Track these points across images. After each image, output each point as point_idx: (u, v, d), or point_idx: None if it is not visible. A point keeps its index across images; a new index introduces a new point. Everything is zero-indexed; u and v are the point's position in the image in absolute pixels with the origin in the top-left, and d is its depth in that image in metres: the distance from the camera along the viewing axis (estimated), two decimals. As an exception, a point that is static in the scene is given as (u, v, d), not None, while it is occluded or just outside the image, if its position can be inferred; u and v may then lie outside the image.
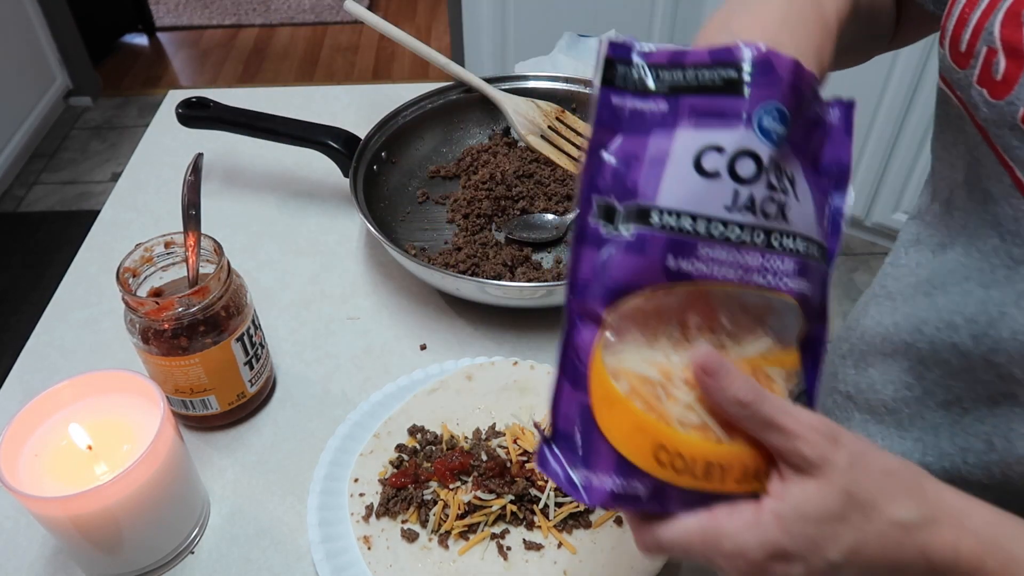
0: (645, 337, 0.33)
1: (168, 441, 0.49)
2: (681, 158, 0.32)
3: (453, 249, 0.75)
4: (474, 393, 0.61)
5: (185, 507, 0.53)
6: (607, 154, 0.33)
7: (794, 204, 0.33)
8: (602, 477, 0.32)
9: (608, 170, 0.33)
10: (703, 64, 0.33)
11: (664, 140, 0.32)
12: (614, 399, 0.32)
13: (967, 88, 0.38)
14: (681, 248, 0.32)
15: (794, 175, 0.34)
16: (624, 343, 0.33)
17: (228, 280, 0.56)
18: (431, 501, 0.53)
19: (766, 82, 0.32)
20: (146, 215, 0.83)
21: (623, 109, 0.33)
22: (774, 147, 0.32)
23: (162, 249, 0.58)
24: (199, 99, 0.83)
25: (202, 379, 0.57)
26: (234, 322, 0.57)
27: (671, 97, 0.33)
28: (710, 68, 0.32)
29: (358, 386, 0.65)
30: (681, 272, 0.32)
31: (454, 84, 0.87)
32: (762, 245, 0.32)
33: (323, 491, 0.55)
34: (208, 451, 0.61)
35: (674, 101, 0.33)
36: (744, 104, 0.32)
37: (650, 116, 0.33)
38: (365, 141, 0.79)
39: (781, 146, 0.32)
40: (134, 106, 2.63)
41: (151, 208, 0.84)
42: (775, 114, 0.32)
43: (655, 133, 0.33)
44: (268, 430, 0.62)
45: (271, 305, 0.72)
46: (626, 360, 0.33)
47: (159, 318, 0.54)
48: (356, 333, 0.70)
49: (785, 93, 0.32)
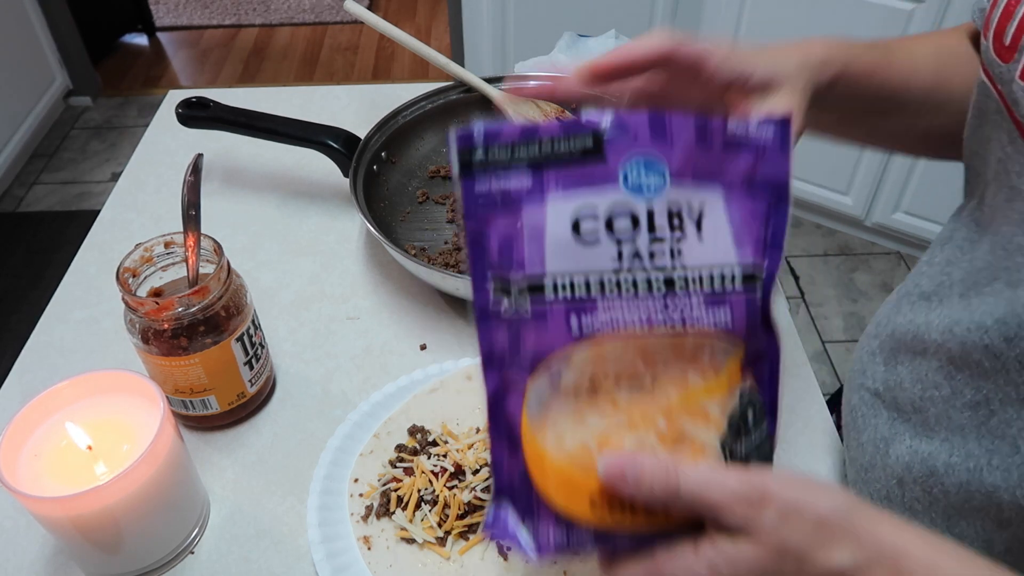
0: (568, 398, 0.35)
1: (168, 441, 0.49)
2: (558, 225, 0.34)
3: (453, 249, 0.75)
4: (474, 393, 0.61)
5: (185, 507, 0.53)
6: (490, 236, 0.34)
7: (694, 241, 0.34)
8: (547, 531, 0.35)
9: (494, 249, 0.34)
10: (557, 136, 0.34)
11: (538, 211, 0.34)
12: (545, 458, 0.34)
13: (1009, 83, 0.38)
14: (581, 309, 0.34)
15: (702, 209, 0.35)
16: (549, 405, 0.35)
17: (228, 280, 0.56)
18: (431, 501, 0.53)
19: (625, 141, 0.34)
20: (146, 215, 0.83)
21: (489, 193, 0.34)
22: (651, 197, 0.34)
23: (162, 249, 0.58)
24: (199, 99, 0.82)
25: (202, 379, 0.57)
26: (234, 322, 0.57)
27: (534, 170, 0.34)
28: (566, 139, 0.34)
29: (358, 386, 0.65)
30: (585, 330, 0.34)
31: (454, 84, 0.87)
32: (660, 291, 0.34)
33: (323, 491, 0.55)
34: (208, 451, 0.61)
35: (538, 173, 0.34)
36: (605, 167, 0.34)
37: (516, 192, 0.34)
38: (365, 141, 0.79)
39: (661, 192, 0.34)
40: (134, 106, 2.63)
41: (151, 208, 0.84)
42: (643, 167, 0.34)
43: (527, 206, 0.34)
44: (268, 430, 0.62)
45: (271, 305, 0.72)
46: (553, 420, 0.35)
47: (159, 318, 0.54)
48: (356, 333, 0.70)
49: (649, 143, 0.34)
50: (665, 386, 0.34)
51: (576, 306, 0.34)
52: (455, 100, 0.87)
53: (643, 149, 0.34)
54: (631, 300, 0.34)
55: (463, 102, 0.88)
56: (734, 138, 0.35)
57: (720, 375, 0.35)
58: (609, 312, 0.34)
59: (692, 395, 0.34)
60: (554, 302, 0.34)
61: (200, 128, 0.83)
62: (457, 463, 0.54)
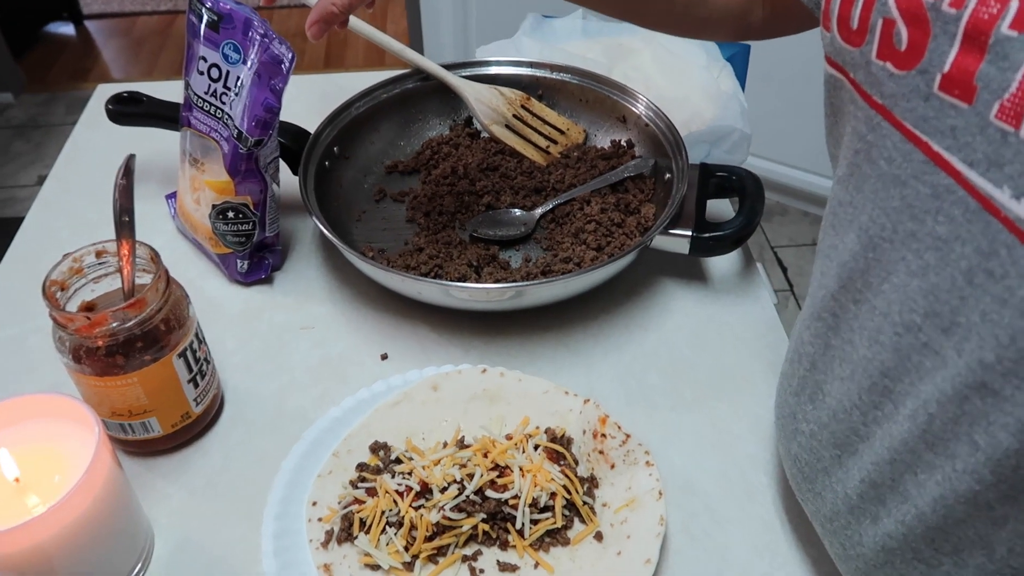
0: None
1: (105, 469, 0.49)
2: (197, 57, 0.69)
3: (414, 250, 0.75)
4: (441, 404, 0.61)
5: (126, 540, 0.53)
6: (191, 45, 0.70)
7: (236, 101, 0.67)
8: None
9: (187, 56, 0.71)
10: (212, 9, 0.66)
11: (197, 46, 0.69)
12: None
13: (865, 66, 0.39)
14: (190, 109, 0.71)
15: (246, 84, 0.66)
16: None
17: (167, 291, 0.56)
18: (397, 523, 0.53)
19: (228, 26, 0.66)
20: (75, 222, 0.82)
21: (195, 25, 0.68)
22: (230, 65, 0.67)
23: (93, 259, 0.57)
24: (131, 93, 0.82)
25: (141, 400, 0.56)
26: (175, 336, 0.56)
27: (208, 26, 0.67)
28: (211, 12, 0.66)
29: (314, 401, 0.65)
30: (183, 121, 0.72)
31: (411, 72, 0.87)
32: (216, 116, 0.68)
33: (279, 516, 0.55)
34: (151, 478, 0.60)
35: (201, 25, 0.68)
36: (217, 37, 0.67)
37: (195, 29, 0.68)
38: (315, 135, 0.79)
39: (236, 65, 0.66)
40: (61, 102, 2.59)
41: (81, 214, 0.83)
42: (232, 47, 0.66)
43: (196, 40, 0.69)
44: (217, 453, 0.62)
45: (216, 316, 0.72)
46: None
47: (91, 335, 0.53)
48: (311, 344, 0.70)
49: (240, 36, 0.66)
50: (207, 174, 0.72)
51: (188, 105, 0.71)
52: (412, 89, 0.87)
53: (233, 36, 0.66)
54: (204, 114, 0.69)
55: (421, 91, 0.88)
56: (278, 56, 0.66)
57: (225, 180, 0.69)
58: (197, 117, 0.70)
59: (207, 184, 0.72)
60: (188, 97, 0.71)
61: (133, 125, 0.82)
62: (423, 481, 0.54)
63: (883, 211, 0.40)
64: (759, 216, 0.71)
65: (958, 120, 0.34)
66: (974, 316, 0.36)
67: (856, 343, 0.44)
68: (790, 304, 1.93)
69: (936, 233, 0.37)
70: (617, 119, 0.85)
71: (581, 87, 0.87)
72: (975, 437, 0.37)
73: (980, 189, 0.34)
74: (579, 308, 0.72)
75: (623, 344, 0.70)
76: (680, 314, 0.72)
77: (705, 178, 0.75)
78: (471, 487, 0.53)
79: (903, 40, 0.36)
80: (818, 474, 0.49)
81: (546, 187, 0.81)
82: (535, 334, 0.70)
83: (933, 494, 0.40)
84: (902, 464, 0.41)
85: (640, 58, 0.95)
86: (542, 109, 0.87)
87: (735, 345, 0.69)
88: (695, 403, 0.65)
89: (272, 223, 0.73)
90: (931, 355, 0.39)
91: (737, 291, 0.75)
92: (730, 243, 0.71)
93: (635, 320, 0.72)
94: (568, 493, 0.55)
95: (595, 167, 0.82)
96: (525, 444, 0.57)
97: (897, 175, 0.39)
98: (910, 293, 0.39)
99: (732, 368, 0.68)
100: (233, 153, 0.68)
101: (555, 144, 0.86)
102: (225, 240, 0.72)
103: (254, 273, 0.74)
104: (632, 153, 0.84)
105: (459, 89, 0.85)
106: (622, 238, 0.74)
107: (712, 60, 0.93)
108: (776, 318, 0.72)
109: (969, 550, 0.40)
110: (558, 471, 0.55)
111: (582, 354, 0.69)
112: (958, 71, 0.34)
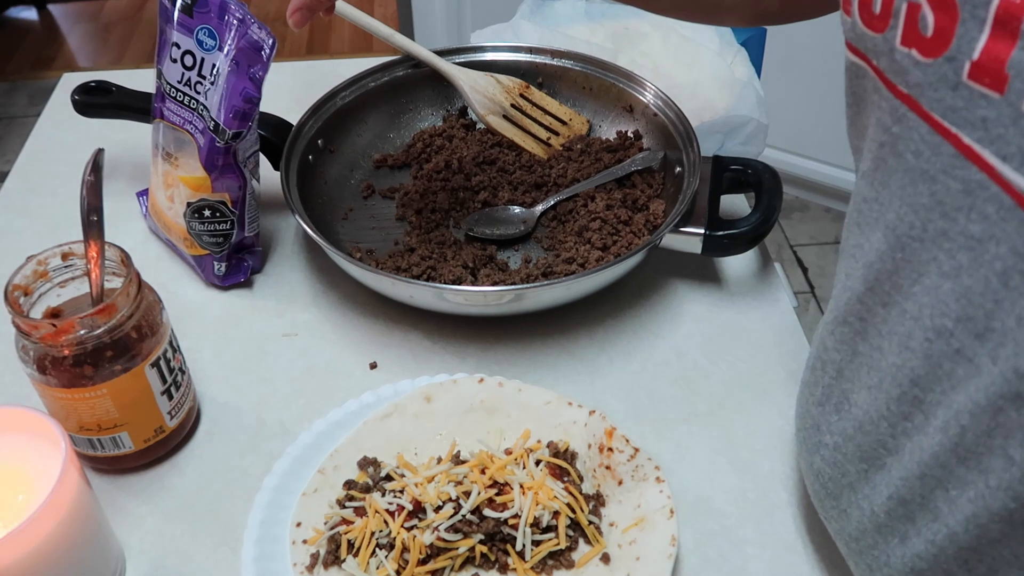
0: None
1: (72, 488, 0.49)
2: (170, 44, 0.69)
3: (405, 250, 0.75)
4: (434, 417, 0.62)
5: (95, 565, 0.53)
6: (164, 31, 0.70)
7: (212, 90, 0.67)
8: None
9: (159, 43, 0.71)
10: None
11: (170, 31, 0.69)
12: None
13: (888, 53, 0.39)
14: (162, 99, 0.71)
15: (222, 72, 0.67)
16: None
17: (139, 295, 0.56)
18: (387, 545, 0.53)
19: (203, 10, 0.66)
20: (40, 222, 0.82)
21: (168, 9, 0.69)
22: (205, 52, 0.67)
23: (59, 262, 0.57)
24: (99, 83, 0.82)
25: (112, 413, 0.56)
26: (147, 344, 0.56)
27: (181, 9, 0.68)
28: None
29: (298, 414, 0.65)
30: (155, 113, 0.73)
31: (401, 58, 0.88)
32: (191, 107, 0.69)
33: (260, 539, 0.55)
34: (122, 498, 0.60)
35: (174, 9, 0.68)
36: (191, 22, 0.67)
37: (168, 13, 0.69)
38: (298, 127, 0.79)
39: (212, 52, 0.67)
40: (23, 92, 2.59)
41: (46, 214, 0.83)
42: (207, 32, 0.67)
43: (169, 26, 0.69)
44: (193, 470, 0.62)
45: (192, 323, 0.72)
46: None
47: (57, 343, 0.53)
48: (294, 352, 0.70)
49: (216, 21, 0.66)
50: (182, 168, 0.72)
51: (160, 95, 0.72)
52: (403, 77, 0.88)
53: (208, 21, 0.66)
54: (177, 104, 0.70)
55: (412, 79, 0.88)
56: (258, 43, 0.67)
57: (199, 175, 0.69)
58: (169, 107, 0.71)
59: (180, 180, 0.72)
60: (161, 86, 0.71)
61: (102, 117, 0.82)
62: (416, 499, 0.54)
63: (911, 208, 0.40)
64: (777, 212, 0.71)
65: (989, 111, 0.35)
66: (1010, 320, 0.36)
67: (885, 349, 0.44)
68: (811, 307, 1.93)
69: (969, 232, 0.37)
70: (623, 108, 0.86)
71: (585, 74, 0.87)
72: (1010, 451, 0.37)
73: (1015, 185, 0.34)
74: (583, 312, 0.72)
75: (631, 351, 0.70)
76: (692, 319, 0.72)
77: (718, 172, 0.75)
78: (468, 506, 0.54)
79: (929, 25, 0.36)
80: (843, 490, 0.49)
81: (547, 182, 0.81)
82: (536, 341, 0.70)
83: (965, 512, 0.40)
84: (932, 480, 0.42)
85: (648, 43, 0.95)
86: (542, 98, 0.87)
87: (752, 352, 0.70)
88: (709, 415, 0.65)
89: (252, 222, 0.73)
90: (964, 362, 0.39)
91: (753, 293, 0.75)
92: (746, 242, 0.71)
93: (644, 325, 0.72)
94: (572, 512, 0.55)
95: (600, 160, 0.82)
96: (526, 459, 0.57)
97: (925, 170, 0.39)
98: (942, 296, 0.39)
99: (749, 377, 0.68)
100: (209, 147, 0.68)
101: (556, 136, 0.86)
102: (201, 241, 0.72)
103: (232, 276, 0.74)
104: (640, 145, 0.84)
105: (453, 77, 0.85)
106: (629, 237, 0.74)
107: (726, 45, 0.93)
108: (796, 323, 0.72)
109: (1005, 571, 0.40)
110: (561, 488, 0.55)
111: (587, 362, 0.69)
112: (988, 58, 0.34)
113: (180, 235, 0.73)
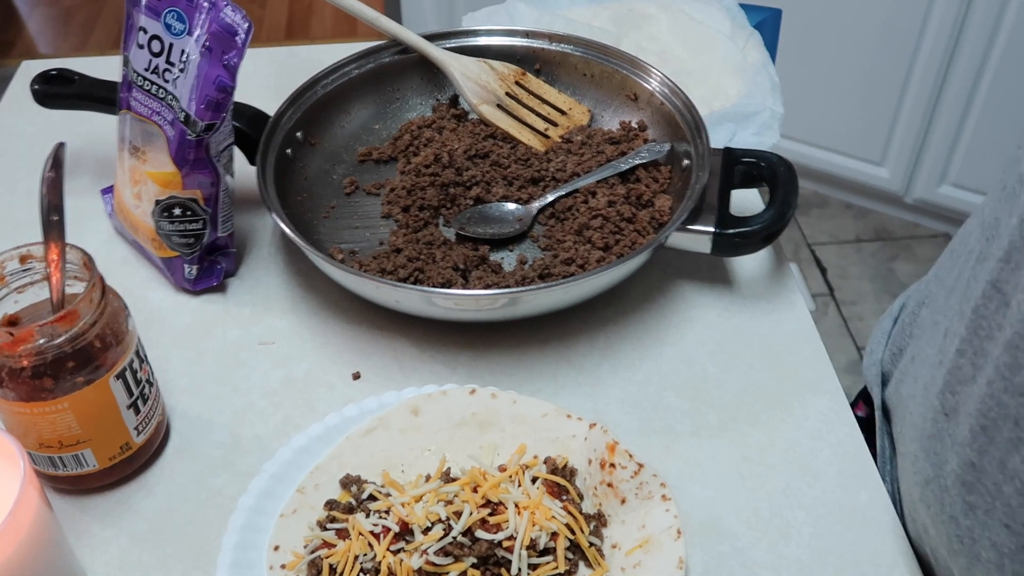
0: None
1: (31, 511, 0.49)
2: (137, 28, 0.69)
3: (391, 251, 0.75)
4: (422, 431, 0.62)
5: (57, 593, 0.53)
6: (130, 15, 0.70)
7: (181, 79, 0.67)
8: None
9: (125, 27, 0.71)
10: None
11: (137, 15, 0.69)
12: None
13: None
14: (129, 89, 0.71)
15: (192, 58, 0.66)
16: None
17: (103, 301, 0.56)
18: (372, 570, 0.53)
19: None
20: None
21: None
22: (174, 37, 0.67)
23: (16, 265, 0.57)
24: (61, 71, 0.82)
25: (74, 429, 0.56)
26: (112, 354, 0.57)
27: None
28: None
29: (276, 429, 0.65)
30: (123, 103, 0.73)
31: (387, 43, 0.88)
32: (159, 97, 0.69)
33: (234, 564, 0.55)
34: (85, 520, 0.60)
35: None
36: (159, 4, 0.67)
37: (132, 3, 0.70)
38: (275, 118, 0.79)
39: (181, 37, 0.67)
40: (-21, 81, 2.58)
41: (2, 213, 0.83)
42: (175, 15, 0.66)
43: (136, 8, 0.69)
44: (162, 490, 0.62)
45: (161, 331, 0.72)
46: None
47: (15, 353, 0.53)
48: (271, 362, 0.70)
49: (185, 2, 0.66)
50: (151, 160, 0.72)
51: (127, 84, 0.72)
52: (388, 64, 0.88)
53: (176, 3, 0.66)
54: (144, 94, 0.70)
55: (399, 66, 0.88)
56: (232, 28, 0.66)
57: (168, 171, 0.70)
58: (136, 97, 0.71)
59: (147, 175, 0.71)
60: (127, 75, 0.71)
61: (63, 108, 0.82)
62: (403, 520, 0.55)
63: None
64: (793, 208, 0.71)
65: None
66: None
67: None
68: (830, 311, 1.93)
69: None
70: (627, 97, 0.86)
71: (585, 60, 0.87)
72: None
73: None
74: (583, 318, 0.72)
75: (635, 360, 0.70)
76: (701, 324, 0.73)
77: (729, 165, 0.75)
78: (458, 527, 0.54)
79: None
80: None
81: (544, 177, 0.82)
82: (532, 348, 0.70)
83: None
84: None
85: (654, 26, 0.95)
86: (540, 86, 0.87)
87: (766, 360, 0.70)
88: (720, 428, 0.65)
89: (225, 221, 0.74)
90: None
91: (768, 296, 0.75)
92: (759, 240, 0.71)
93: (649, 332, 0.72)
94: (571, 533, 0.55)
95: (601, 153, 0.82)
96: (521, 476, 0.57)
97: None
98: None
99: (763, 387, 0.68)
100: (179, 140, 0.68)
101: (555, 127, 0.86)
102: (170, 242, 0.72)
103: (204, 280, 0.75)
104: (644, 136, 0.84)
105: (443, 63, 0.86)
106: (633, 236, 0.74)
107: (738, 27, 0.93)
108: (813, 328, 0.72)
109: None
110: (560, 507, 0.55)
111: (587, 371, 0.69)
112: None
113: (148, 236, 0.73)
